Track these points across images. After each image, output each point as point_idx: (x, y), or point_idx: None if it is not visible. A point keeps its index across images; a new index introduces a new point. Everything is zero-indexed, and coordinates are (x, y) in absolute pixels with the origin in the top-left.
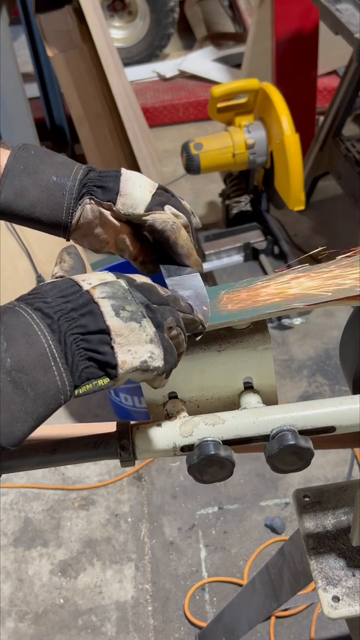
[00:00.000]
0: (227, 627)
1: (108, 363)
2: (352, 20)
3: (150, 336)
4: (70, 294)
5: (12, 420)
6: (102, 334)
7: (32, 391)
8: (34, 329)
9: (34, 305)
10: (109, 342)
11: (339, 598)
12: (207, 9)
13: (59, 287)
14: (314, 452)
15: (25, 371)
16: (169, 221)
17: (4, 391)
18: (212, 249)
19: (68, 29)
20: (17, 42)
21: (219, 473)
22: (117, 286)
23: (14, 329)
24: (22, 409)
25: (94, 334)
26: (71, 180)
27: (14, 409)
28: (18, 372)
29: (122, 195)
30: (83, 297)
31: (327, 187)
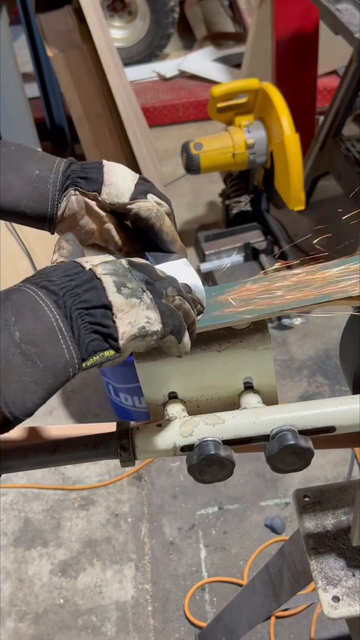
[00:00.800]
0: (227, 627)
1: (111, 335)
2: (352, 20)
3: (147, 304)
4: (74, 273)
5: (23, 390)
6: (105, 309)
7: (42, 363)
8: (40, 305)
9: (40, 284)
10: (112, 317)
11: (339, 598)
12: (207, 9)
13: (62, 268)
14: (314, 452)
15: (34, 344)
16: (153, 209)
17: (14, 363)
18: (212, 249)
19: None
20: (17, 42)
21: (219, 473)
22: (118, 265)
23: (21, 305)
24: (33, 380)
25: (97, 309)
26: (54, 173)
27: (25, 380)
28: (27, 344)
29: (107, 185)
30: (86, 274)
31: (327, 187)
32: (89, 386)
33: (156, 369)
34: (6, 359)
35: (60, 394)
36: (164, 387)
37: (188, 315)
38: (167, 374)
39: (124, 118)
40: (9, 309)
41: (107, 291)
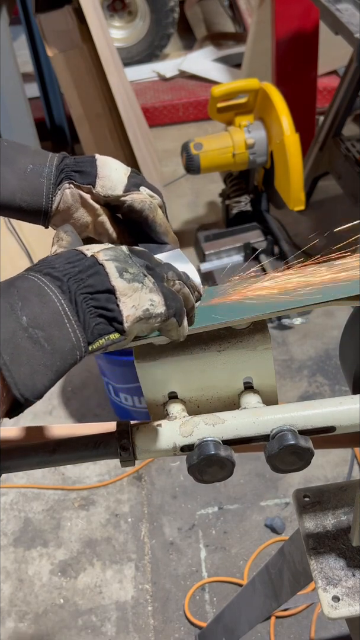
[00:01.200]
0: (227, 627)
1: (116, 318)
2: (352, 20)
3: (150, 287)
4: (76, 260)
5: (32, 373)
6: (109, 294)
7: (49, 346)
8: (45, 291)
9: (43, 272)
10: (116, 302)
11: (339, 598)
12: (207, 9)
13: (64, 256)
14: (314, 452)
15: (41, 327)
16: (146, 201)
17: (23, 346)
18: (212, 249)
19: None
20: (17, 42)
21: (219, 473)
22: (119, 251)
23: (26, 291)
24: (42, 363)
25: (101, 293)
26: (48, 167)
27: (34, 363)
28: (34, 328)
29: (101, 178)
30: (88, 260)
31: (327, 187)
32: (89, 386)
33: (156, 369)
34: (15, 343)
35: (60, 394)
36: (164, 387)
37: (187, 299)
38: (167, 374)
39: (124, 118)
40: (15, 294)
41: (110, 276)
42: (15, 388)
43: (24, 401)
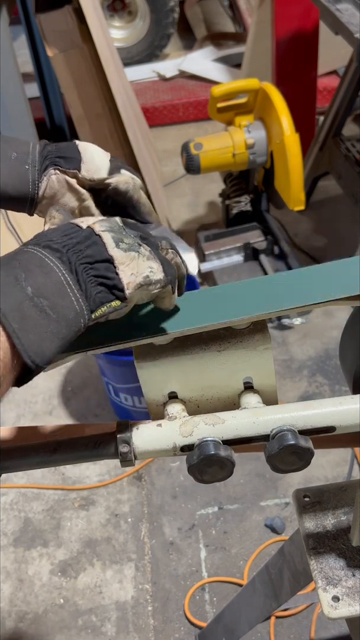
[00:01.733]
0: (227, 627)
1: (116, 286)
2: (352, 20)
3: (147, 255)
4: (73, 232)
5: (40, 340)
6: (107, 263)
7: (55, 314)
8: (46, 262)
9: (42, 244)
10: (115, 270)
11: (339, 598)
12: (207, 9)
13: (60, 229)
14: (314, 452)
15: (45, 297)
16: (130, 182)
17: (29, 315)
18: (212, 249)
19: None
20: (17, 42)
21: (219, 473)
22: (113, 222)
23: (28, 262)
24: (48, 330)
25: (100, 263)
26: (31, 155)
27: (41, 330)
28: (39, 297)
29: (85, 162)
30: (85, 231)
31: (327, 187)
32: (89, 386)
33: (156, 369)
34: (22, 312)
35: (60, 394)
36: (164, 387)
37: (180, 268)
38: (167, 374)
39: (124, 118)
40: (17, 267)
41: (107, 246)
42: (26, 354)
43: (34, 367)
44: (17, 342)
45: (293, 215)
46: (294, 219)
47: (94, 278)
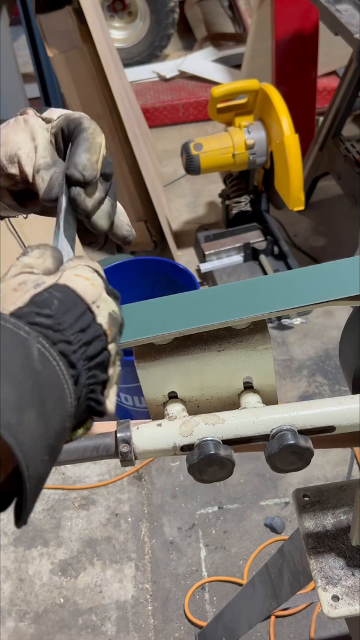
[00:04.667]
0: (227, 626)
1: (102, 412)
2: (351, 20)
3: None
4: (88, 327)
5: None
6: (101, 385)
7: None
8: (65, 393)
9: (59, 347)
10: (103, 392)
11: (339, 597)
12: (207, 10)
13: (72, 314)
14: (314, 451)
15: (57, 447)
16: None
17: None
18: (212, 249)
19: (68, 30)
20: (17, 42)
21: (219, 472)
22: (118, 321)
23: (52, 394)
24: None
25: (99, 385)
26: None
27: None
28: (53, 448)
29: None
30: (101, 342)
31: (327, 187)
32: None
33: (156, 369)
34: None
35: None
36: (164, 387)
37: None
38: (167, 374)
39: (124, 118)
40: (43, 405)
41: (109, 365)
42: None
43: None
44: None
45: (293, 216)
46: (293, 219)
47: (88, 401)
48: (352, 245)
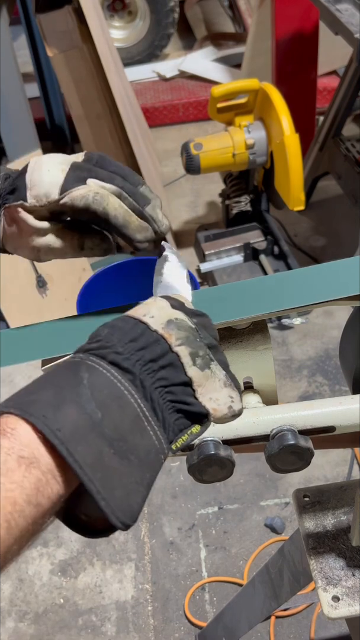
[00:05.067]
0: (227, 627)
1: (199, 413)
2: (352, 20)
3: (222, 380)
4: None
5: (127, 495)
6: (185, 386)
7: (136, 458)
8: (120, 390)
9: (108, 358)
10: (192, 394)
11: (339, 598)
12: (207, 9)
13: (122, 330)
14: (314, 452)
15: (124, 439)
16: (89, 194)
17: (112, 466)
18: (212, 249)
19: (68, 29)
20: (17, 42)
21: (219, 473)
22: (186, 326)
23: (102, 393)
24: (133, 480)
25: (177, 386)
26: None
27: (126, 482)
28: (119, 441)
29: (31, 188)
30: (160, 345)
31: (327, 187)
32: None
33: None
34: (103, 464)
35: None
36: None
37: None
38: None
39: (124, 118)
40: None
41: (185, 366)
42: (114, 516)
43: (124, 528)
44: (103, 505)
45: (293, 215)
46: (294, 219)
47: (170, 403)
48: (352, 245)
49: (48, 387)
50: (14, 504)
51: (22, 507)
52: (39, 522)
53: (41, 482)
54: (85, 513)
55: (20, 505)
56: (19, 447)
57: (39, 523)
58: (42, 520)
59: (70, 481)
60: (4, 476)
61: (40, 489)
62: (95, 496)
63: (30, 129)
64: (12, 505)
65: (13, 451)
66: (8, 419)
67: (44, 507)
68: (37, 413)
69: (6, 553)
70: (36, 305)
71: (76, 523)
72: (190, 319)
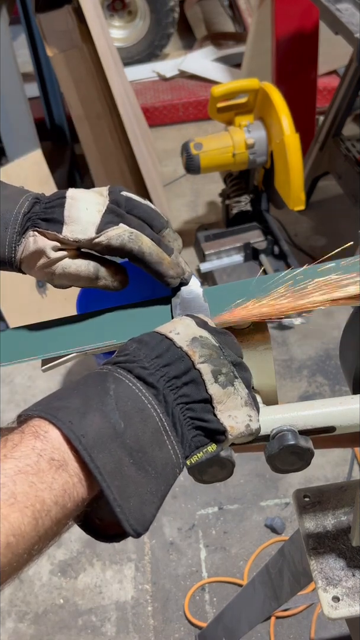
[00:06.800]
0: (227, 627)
1: (216, 430)
2: (352, 20)
3: (244, 399)
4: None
5: (141, 504)
6: (205, 403)
7: (153, 470)
8: (144, 403)
9: (134, 372)
10: (212, 411)
11: (339, 598)
12: (207, 9)
13: (148, 346)
14: (314, 452)
15: (143, 450)
16: (124, 234)
17: (129, 475)
18: (212, 249)
19: (68, 29)
20: (17, 42)
21: (219, 473)
22: (209, 344)
23: (126, 404)
24: (148, 490)
25: (197, 403)
26: (14, 215)
27: (141, 492)
28: (138, 452)
29: (69, 224)
30: (184, 362)
31: (327, 187)
32: None
33: None
34: (122, 473)
35: None
36: None
37: None
38: None
39: (124, 118)
40: (117, 409)
41: (207, 383)
42: (128, 523)
43: (136, 535)
44: (118, 512)
45: (293, 215)
46: (294, 218)
47: (190, 420)
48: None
49: (76, 395)
50: (42, 502)
51: (49, 507)
52: (62, 523)
53: (68, 485)
54: (99, 517)
55: (48, 505)
56: (51, 450)
57: (62, 524)
58: (65, 522)
59: (93, 486)
60: (35, 476)
61: (67, 491)
62: (111, 503)
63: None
64: (40, 504)
65: (45, 453)
66: (41, 422)
67: (68, 509)
68: (65, 419)
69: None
70: (36, 305)
71: (89, 526)
72: (214, 337)
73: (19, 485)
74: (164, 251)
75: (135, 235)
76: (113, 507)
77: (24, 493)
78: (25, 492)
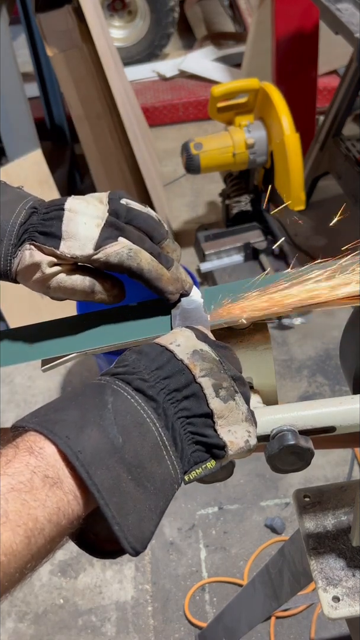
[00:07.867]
0: (227, 627)
1: (216, 445)
2: (352, 19)
3: (245, 414)
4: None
5: (140, 520)
6: (206, 418)
7: (152, 485)
8: (142, 417)
9: (134, 385)
10: (212, 425)
11: (339, 598)
12: (207, 9)
13: (149, 357)
14: (314, 452)
15: (142, 465)
16: (123, 251)
17: (128, 491)
18: (212, 249)
19: (68, 29)
20: (17, 42)
21: (219, 473)
22: (210, 358)
23: (125, 419)
24: (147, 507)
25: (198, 417)
26: (10, 226)
27: (140, 508)
28: (137, 467)
29: (66, 239)
30: (184, 375)
31: (327, 187)
32: None
33: None
34: (120, 489)
35: (60, 393)
36: None
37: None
38: None
39: (124, 118)
40: (115, 424)
41: (208, 397)
42: (126, 541)
43: (135, 554)
44: (116, 529)
45: (293, 215)
46: None
47: (190, 434)
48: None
49: (74, 407)
50: (35, 521)
51: (42, 525)
52: (56, 541)
53: (62, 502)
54: (94, 532)
55: (41, 523)
56: (45, 467)
57: (56, 542)
58: (59, 539)
59: (89, 502)
60: (28, 494)
61: (61, 508)
62: (109, 520)
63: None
64: (33, 522)
65: (39, 470)
66: (36, 437)
67: (63, 527)
68: (61, 433)
69: (23, 569)
70: (36, 305)
71: (84, 541)
72: (214, 350)
73: (11, 503)
74: (164, 264)
75: (134, 252)
76: (111, 525)
77: (16, 511)
78: (18, 511)
